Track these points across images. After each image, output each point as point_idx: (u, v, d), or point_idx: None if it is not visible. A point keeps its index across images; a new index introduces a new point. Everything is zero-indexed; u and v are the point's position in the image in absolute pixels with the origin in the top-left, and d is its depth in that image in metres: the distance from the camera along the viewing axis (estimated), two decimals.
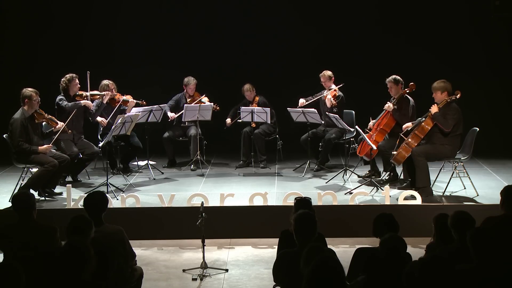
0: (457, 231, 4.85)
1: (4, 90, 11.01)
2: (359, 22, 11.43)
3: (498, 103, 11.32)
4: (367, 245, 6.54)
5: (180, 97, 10.41)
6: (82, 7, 11.45)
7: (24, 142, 8.27)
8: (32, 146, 8.31)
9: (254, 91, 10.37)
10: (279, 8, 11.54)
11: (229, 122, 10.33)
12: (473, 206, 7.89)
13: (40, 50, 11.47)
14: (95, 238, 4.93)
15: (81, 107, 9.14)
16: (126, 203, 8.03)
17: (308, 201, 5.72)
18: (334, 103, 9.71)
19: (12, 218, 5.46)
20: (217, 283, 6.54)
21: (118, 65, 11.11)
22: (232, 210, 7.92)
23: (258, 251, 7.46)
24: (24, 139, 8.28)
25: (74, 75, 9.18)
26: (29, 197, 5.54)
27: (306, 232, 4.84)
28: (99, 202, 5.46)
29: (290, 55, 11.57)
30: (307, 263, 4.09)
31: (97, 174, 9.91)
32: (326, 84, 9.94)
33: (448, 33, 11.33)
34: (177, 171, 10.17)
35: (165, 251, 7.51)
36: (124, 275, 5.33)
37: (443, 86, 8.40)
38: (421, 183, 8.29)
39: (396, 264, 4.29)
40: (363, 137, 8.79)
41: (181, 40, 11.62)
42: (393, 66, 10.17)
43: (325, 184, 9.22)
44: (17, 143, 8.27)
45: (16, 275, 3.84)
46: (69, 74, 9.18)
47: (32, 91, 8.39)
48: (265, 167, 10.21)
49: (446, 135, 8.32)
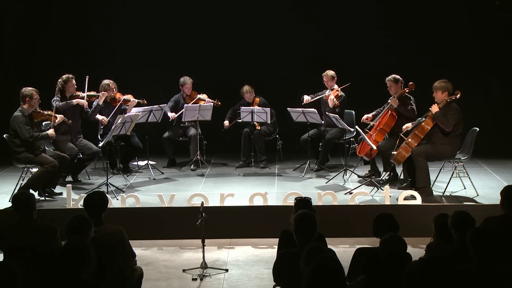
0: (457, 231, 4.85)
1: (4, 90, 11.00)
2: (359, 22, 11.42)
3: (498, 103, 11.31)
4: (367, 245, 6.54)
5: (178, 97, 10.41)
6: (83, 7, 11.44)
7: (33, 132, 8.26)
8: (41, 133, 8.34)
9: (253, 92, 10.35)
10: (279, 8, 11.53)
11: (227, 124, 10.30)
12: (473, 206, 7.89)
13: (39, 50, 11.46)
14: (95, 238, 4.93)
15: (74, 107, 9.10)
16: (126, 203, 8.03)
17: (308, 201, 5.72)
18: (337, 103, 9.70)
19: (12, 218, 5.46)
20: (217, 283, 6.54)
21: (118, 65, 11.10)
22: (232, 210, 7.92)
23: (258, 251, 7.46)
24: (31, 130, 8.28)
25: (70, 76, 9.14)
26: (29, 197, 5.54)
27: (306, 232, 4.84)
28: (99, 202, 5.46)
29: (290, 55, 11.56)
30: (307, 263, 4.09)
31: (97, 174, 9.91)
32: (329, 83, 9.93)
33: (448, 33, 11.33)
34: (177, 171, 10.17)
35: (165, 251, 7.51)
36: (124, 275, 5.33)
37: (444, 86, 8.40)
38: (421, 183, 8.29)
39: (396, 264, 4.29)
40: (363, 137, 8.79)
41: (181, 40, 11.61)
42: (393, 66, 10.16)
43: (325, 184, 9.22)
44: (29, 135, 8.24)
45: (13, 275, 3.84)
46: (66, 75, 9.16)
47: (32, 90, 8.39)
48: (265, 167, 10.21)
49: (446, 135, 8.32)
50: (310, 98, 9.95)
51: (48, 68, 10.95)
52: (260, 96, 10.38)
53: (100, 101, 9.40)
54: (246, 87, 10.30)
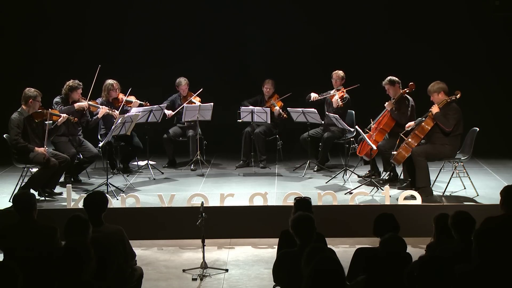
0: (457, 231, 4.85)
1: (4, 90, 11.00)
2: (359, 22, 11.42)
3: (498, 103, 11.31)
4: (367, 245, 6.54)
5: (175, 97, 10.43)
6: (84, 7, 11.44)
7: (20, 138, 8.26)
8: (29, 144, 8.31)
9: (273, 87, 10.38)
10: (280, 8, 11.52)
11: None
12: (473, 206, 7.89)
13: (41, 51, 11.45)
14: (95, 238, 4.92)
15: (75, 112, 9.09)
16: (126, 203, 8.03)
17: (308, 201, 5.72)
18: (341, 104, 9.70)
19: (12, 218, 5.46)
20: (217, 283, 6.54)
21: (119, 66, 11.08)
22: (232, 210, 7.92)
23: (258, 251, 7.46)
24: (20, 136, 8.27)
25: (78, 84, 9.12)
26: (30, 197, 5.54)
27: (304, 234, 4.85)
28: (99, 202, 5.45)
29: (290, 55, 11.56)
30: (308, 263, 4.09)
31: (97, 174, 9.91)
32: (337, 83, 9.90)
33: (448, 33, 11.32)
34: (177, 171, 10.17)
35: (165, 251, 7.51)
36: (124, 275, 5.33)
37: (437, 88, 8.39)
38: (421, 183, 8.30)
39: (396, 264, 4.29)
40: (363, 137, 8.79)
41: (181, 40, 11.61)
42: (393, 66, 10.18)
43: (325, 184, 9.22)
44: (13, 140, 8.27)
45: (13, 275, 3.83)
46: (74, 81, 9.11)
47: (36, 92, 8.40)
48: (265, 167, 10.21)
49: (446, 135, 8.32)
50: (318, 96, 9.94)
51: (49, 68, 10.96)
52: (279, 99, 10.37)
53: (100, 115, 9.40)
54: (268, 80, 10.36)
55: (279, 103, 10.28)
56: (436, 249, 4.98)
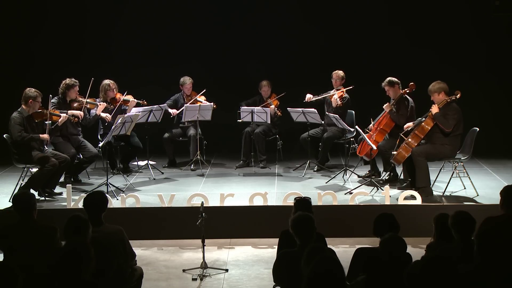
0: (457, 231, 4.85)
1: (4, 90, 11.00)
2: (360, 22, 11.42)
3: (498, 103, 11.31)
4: (367, 245, 6.55)
5: (178, 97, 10.42)
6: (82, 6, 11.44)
7: (24, 132, 8.24)
8: (33, 134, 8.30)
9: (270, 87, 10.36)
10: (280, 8, 11.53)
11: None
12: (473, 206, 7.89)
13: (39, 50, 11.44)
14: (95, 238, 4.93)
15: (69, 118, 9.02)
16: (126, 203, 8.03)
17: (308, 201, 5.73)
18: (340, 103, 9.70)
19: (12, 218, 5.46)
20: (217, 283, 6.54)
21: (119, 65, 11.10)
22: (232, 210, 7.92)
23: (258, 251, 7.46)
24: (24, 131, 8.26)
25: (75, 82, 9.12)
26: (30, 197, 5.54)
27: (304, 234, 4.85)
28: (99, 202, 5.46)
29: (291, 56, 11.56)
30: (308, 263, 4.09)
31: (97, 174, 9.91)
32: (336, 83, 9.91)
33: (448, 33, 11.33)
34: (177, 171, 10.17)
35: (165, 251, 7.51)
36: (124, 275, 5.33)
37: (438, 88, 8.39)
38: (421, 183, 8.30)
39: (396, 264, 4.29)
40: (363, 137, 8.79)
41: (182, 40, 11.61)
42: (393, 66, 10.17)
43: (325, 184, 9.22)
44: (19, 135, 8.24)
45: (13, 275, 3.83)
46: (71, 79, 9.11)
47: (37, 92, 8.40)
48: (265, 167, 10.21)
49: (446, 135, 8.32)
50: (312, 96, 9.93)
51: (48, 68, 10.96)
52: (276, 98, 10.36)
53: (99, 112, 9.39)
54: (264, 82, 10.34)
55: (275, 102, 10.27)
56: (436, 249, 4.98)
